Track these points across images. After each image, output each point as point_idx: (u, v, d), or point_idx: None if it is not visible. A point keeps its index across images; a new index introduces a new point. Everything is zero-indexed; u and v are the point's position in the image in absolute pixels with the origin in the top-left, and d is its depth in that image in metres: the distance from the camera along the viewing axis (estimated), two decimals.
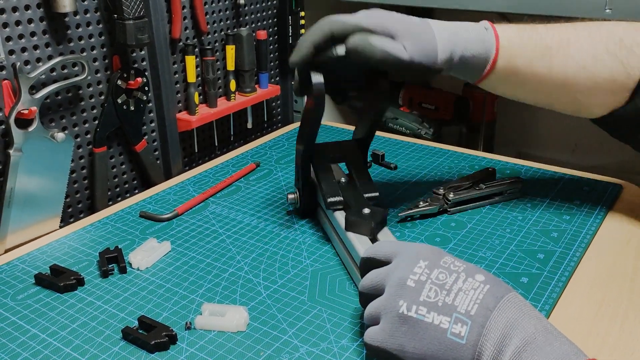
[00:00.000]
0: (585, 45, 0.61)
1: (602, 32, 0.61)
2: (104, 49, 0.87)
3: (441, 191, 0.80)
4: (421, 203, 0.79)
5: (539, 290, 0.63)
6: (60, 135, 0.79)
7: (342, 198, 0.71)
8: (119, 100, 0.89)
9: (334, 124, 1.18)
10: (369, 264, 0.55)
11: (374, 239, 0.66)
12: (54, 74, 0.80)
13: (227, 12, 1.05)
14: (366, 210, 0.67)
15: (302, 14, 1.14)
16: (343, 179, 0.76)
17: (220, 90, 1.07)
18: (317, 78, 0.67)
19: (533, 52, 0.63)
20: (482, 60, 0.65)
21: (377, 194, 0.72)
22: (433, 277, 0.48)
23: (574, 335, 0.57)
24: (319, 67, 0.65)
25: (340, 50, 0.64)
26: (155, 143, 0.99)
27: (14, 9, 0.75)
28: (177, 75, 0.99)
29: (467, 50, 0.64)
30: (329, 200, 0.71)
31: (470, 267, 0.49)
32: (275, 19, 1.15)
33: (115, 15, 0.83)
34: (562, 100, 0.65)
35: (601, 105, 0.63)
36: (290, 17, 1.13)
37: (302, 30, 1.16)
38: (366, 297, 0.53)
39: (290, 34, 1.16)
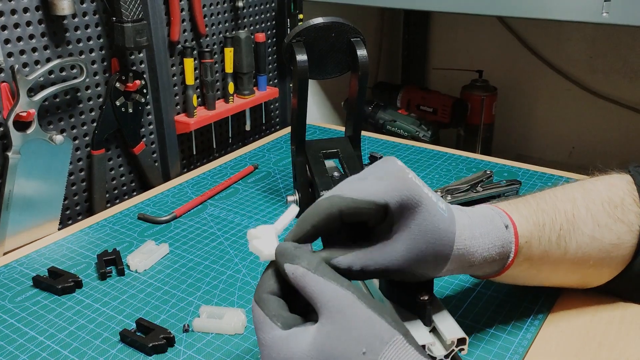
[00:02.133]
0: (590, 217, 0.57)
1: (594, 197, 0.58)
2: (103, 52, 0.87)
3: (439, 193, 0.80)
4: None
5: (536, 292, 0.63)
6: (58, 138, 0.79)
7: None
8: (118, 103, 0.89)
9: (330, 126, 1.18)
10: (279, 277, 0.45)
11: None
12: (53, 76, 0.81)
13: (226, 14, 1.05)
14: None
15: (301, 16, 1.14)
16: (336, 174, 0.77)
17: (219, 92, 1.07)
18: (301, 56, 0.70)
19: (549, 241, 0.55)
20: (498, 262, 0.54)
21: None
22: None
23: (570, 339, 0.57)
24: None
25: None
26: (154, 145, 0.99)
27: (13, 12, 0.75)
28: (175, 78, 0.99)
29: (485, 252, 0.52)
30: (322, 193, 0.72)
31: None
32: (274, 22, 1.15)
33: (114, 18, 0.83)
34: (572, 277, 0.59)
35: (609, 271, 0.59)
36: (288, 19, 1.13)
37: None
38: None
39: None
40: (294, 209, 0.49)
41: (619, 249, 0.57)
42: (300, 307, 0.45)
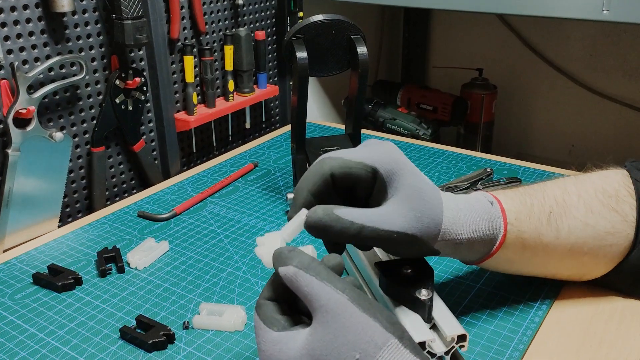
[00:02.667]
0: (582, 203, 0.57)
1: (587, 187, 0.58)
2: (102, 49, 0.87)
3: None
4: None
5: (536, 290, 0.63)
6: (58, 135, 0.79)
7: None
8: (117, 100, 0.89)
9: (330, 124, 1.18)
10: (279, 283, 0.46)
11: None
12: (52, 73, 0.80)
13: (226, 12, 1.05)
14: None
15: (301, 14, 1.14)
16: None
17: (219, 90, 1.07)
18: (301, 54, 0.71)
19: (539, 221, 0.56)
20: (488, 243, 0.55)
21: None
22: None
23: (571, 336, 0.57)
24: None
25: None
26: (154, 143, 0.99)
27: (13, 9, 0.75)
28: (175, 75, 0.99)
29: (474, 233, 0.53)
30: None
31: None
32: (274, 20, 1.15)
33: (114, 15, 0.83)
34: (568, 265, 0.59)
35: (606, 262, 0.59)
36: (288, 17, 1.13)
37: None
38: None
39: None
40: (302, 214, 0.49)
41: (614, 237, 0.57)
42: (302, 310, 0.45)
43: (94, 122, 0.88)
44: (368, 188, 0.51)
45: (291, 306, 0.46)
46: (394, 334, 0.40)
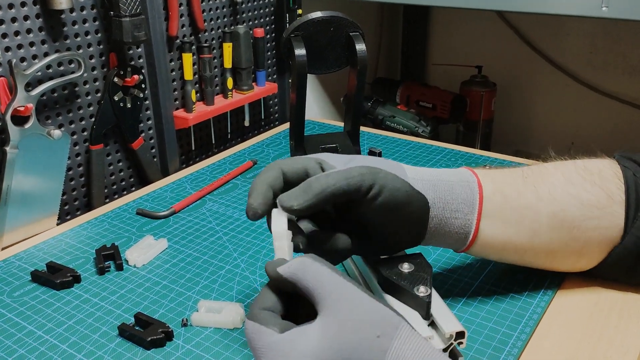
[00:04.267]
0: (559, 174, 0.57)
1: (567, 165, 0.58)
2: (101, 46, 0.87)
3: None
4: None
5: (535, 286, 0.63)
6: (56, 133, 0.79)
7: None
8: (116, 98, 0.89)
9: (328, 121, 1.18)
10: (281, 286, 0.46)
11: None
12: (50, 71, 0.80)
13: (225, 9, 1.05)
14: None
15: (299, 11, 1.14)
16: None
17: (218, 88, 1.07)
18: (299, 51, 0.71)
19: (515, 181, 0.57)
20: (466, 184, 0.55)
21: None
22: None
23: (569, 332, 0.57)
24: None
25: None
26: (152, 140, 0.99)
27: (10, 6, 0.75)
28: (174, 73, 0.99)
29: (447, 175, 0.55)
30: None
31: None
32: (273, 17, 1.15)
33: (112, 13, 0.83)
34: (558, 239, 0.57)
35: (599, 244, 0.57)
36: (287, 14, 1.13)
37: None
38: None
39: None
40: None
41: (600, 212, 0.56)
42: (296, 319, 0.45)
43: (93, 119, 0.88)
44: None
45: (285, 315, 0.45)
46: (402, 319, 0.42)
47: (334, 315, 0.41)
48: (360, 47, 0.75)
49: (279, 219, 0.49)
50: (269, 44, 1.16)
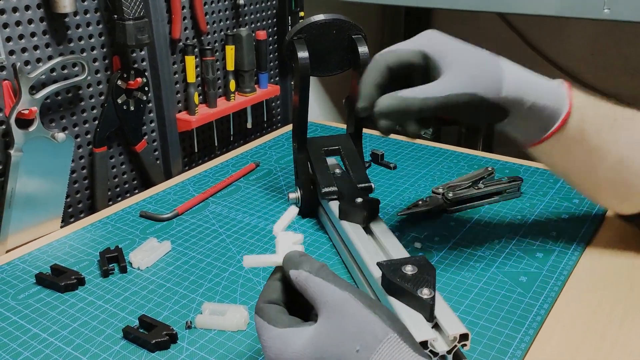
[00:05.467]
0: None
1: None
2: (104, 49, 0.87)
3: (440, 190, 0.80)
4: (420, 202, 0.79)
5: (538, 289, 0.63)
6: (60, 136, 0.79)
7: (336, 188, 0.73)
8: (119, 101, 0.89)
9: (331, 123, 1.18)
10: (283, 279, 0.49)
11: (366, 228, 0.66)
12: (54, 74, 0.81)
13: (227, 12, 1.05)
14: (359, 200, 0.69)
15: (302, 14, 1.14)
16: (338, 170, 0.78)
17: (220, 90, 1.07)
18: (302, 53, 0.72)
19: (603, 120, 0.59)
20: (553, 114, 0.58)
21: (370, 184, 0.73)
22: None
23: (572, 335, 0.57)
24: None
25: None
26: (155, 143, 0.99)
27: (14, 10, 0.75)
28: (177, 76, 0.99)
29: (540, 99, 0.58)
30: (324, 190, 0.73)
31: None
32: (275, 19, 1.15)
33: (115, 16, 0.83)
34: (613, 179, 0.59)
35: None
36: (289, 17, 1.13)
37: None
38: None
39: None
40: (293, 210, 0.53)
41: None
42: (302, 313, 0.47)
43: (96, 122, 0.88)
44: (423, 72, 0.59)
45: (290, 309, 0.48)
46: (394, 329, 0.41)
47: (326, 323, 0.43)
48: (363, 49, 0.75)
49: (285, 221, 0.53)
50: (271, 47, 1.16)
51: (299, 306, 0.48)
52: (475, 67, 0.58)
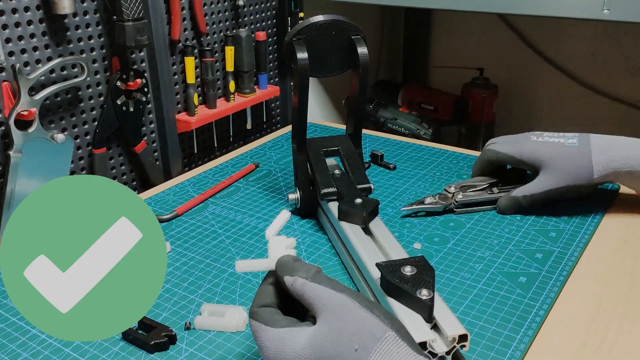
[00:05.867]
0: None
1: None
2: (104, 51, 0.87)
3: (452, 189, 0.80)
4: (428, 199, 0.79)
5: (537, 289, 0.63)
6: (60, 137, 0.79)
7: (335, 189, 0.73)
8: (119, 102, 0.89)
9: (330, 124, 1.18)
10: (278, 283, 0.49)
11: (366, 229, 0.66)
12: (54, 75, 0.81)
13: (227, 13, 1.05)
14: (358, 200, 0.69)
15: (301, 15, 1.14)
16: (337, 171, 0.78)
17: (220, 91, 1.07)
18: (301, 54, 0.72)
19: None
20: None
21: (370, 185, 0.73)
22: None
23: (572, 334, 0.57)
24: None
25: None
26: (155, 144, 0.99)
27: (14, 11, 0.75)
28: (176, 77, 0.99)
29: (635, 168, 0.73)
30: (323, 191, 0.73)
31: None
32: (274, 20, 1.15)
33: (115, 17, 0.84)
34: None
35: None
36: (289, 18, 1.13)
37: None
38: None
39: None
40: (285, 214, 0.54)
41: None
42: (296, 316, 0.47)
43: (96, 123, 0.88)
44: (520, 168, 0.80)
45: (284, 312, 0.48)
46: (392, 328, 0.42)
47: (325, 324, 0.43)
48: (362, 50, 0.75)
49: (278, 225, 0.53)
50: (270, 47, 1.16)
51: (292, 309, 0.48)
52: (567, 163, 0.74)
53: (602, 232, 0.75)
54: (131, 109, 0.91)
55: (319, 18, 0.74)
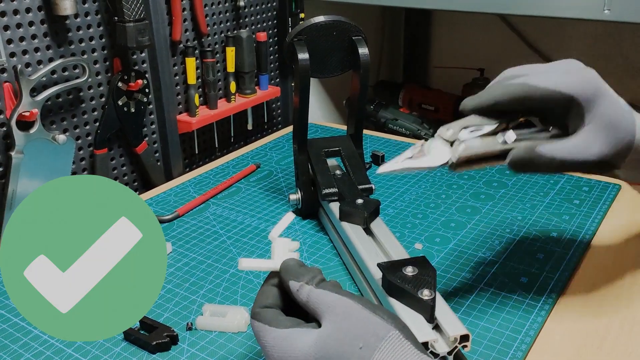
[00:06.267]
0: None
1: None
2: (105, 51, 0.87)
3: (450, 134, 0.60)
4: (409, 152, 0.59)
5: (538, 290, 0.63)
6: (61, 137, 0.79)
7: (336, 189, 0.73)
8: (120, 102, 0.89)
9: (331, 125, 1.18)
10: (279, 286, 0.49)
11: (367, 229, 0.67)
12: (55, 76, 0.81)
13: (227, 14, 1.06)
14: (359, 201, 0.69)
15: (302, 15, 1.14)
16: (338, 172, 0.78)
17: (221, 91, 1.07)
18: (302, 55, 0.72)
19: None
20: None
21: (371, 185, 0.74)
22: None
23: (572, 335, 0.57)
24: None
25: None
26: (156, 145, 0.99)
27: (15, 12, 0.76)
28: (177, 77, 0.99)
29: None
30: (324, 191, 0.73)
31: None
32: (275, 21, 1.15)
33: (116, 18, 0.84)
34: None
35: None
36: (290, 18, 1.13)
37: None
38: None
39: None
40: (289, 216, 0.53)
41: None
42: (297, 316, 0.47)
43: (97, 124, 0.88)
44: (558, 114, 0.52)
45: (285, 314, 0.48)
46: (395, 327, 0.42)
47: (330, 326, 0.44)
48: (363, 51, 0.75)
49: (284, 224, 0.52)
50: (271, 48, 1.16)
51: (293, 311, 0.48)
52: (616, 132, 0.51)
53: (603, 232, 0.75)
54: (132, 110, 0.91)
55: (320, 19, 0.74)
